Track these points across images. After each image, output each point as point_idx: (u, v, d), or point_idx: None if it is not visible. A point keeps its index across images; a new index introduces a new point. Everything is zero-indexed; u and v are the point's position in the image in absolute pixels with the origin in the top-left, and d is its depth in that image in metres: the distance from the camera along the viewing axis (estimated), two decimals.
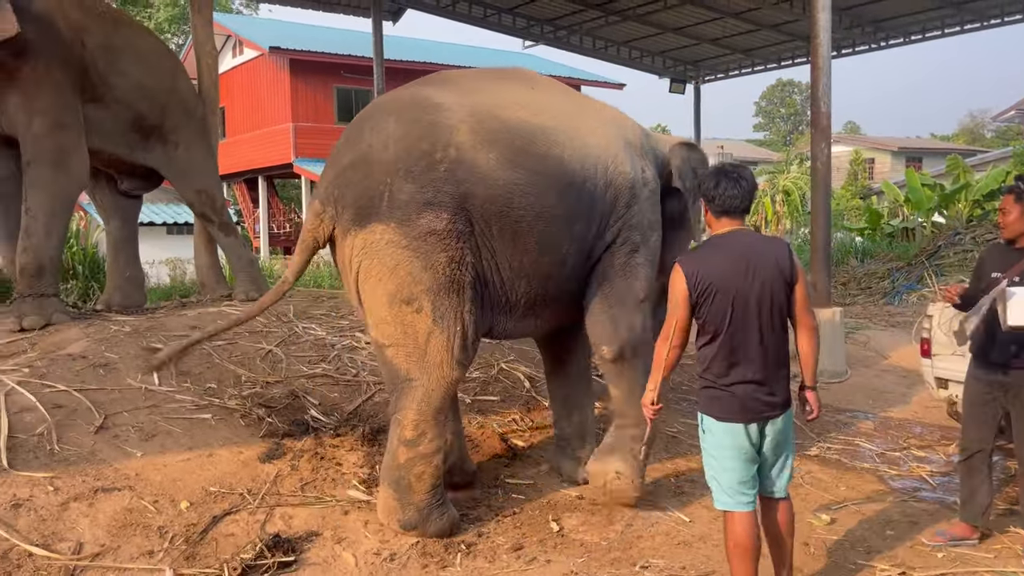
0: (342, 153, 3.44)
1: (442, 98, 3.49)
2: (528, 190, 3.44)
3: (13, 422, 3.72)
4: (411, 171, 3.26)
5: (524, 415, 5.02)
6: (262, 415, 4.35)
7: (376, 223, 3.25)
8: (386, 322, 3.34)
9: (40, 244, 5.39)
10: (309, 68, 20.35)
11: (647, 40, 14.81)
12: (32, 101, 5.32)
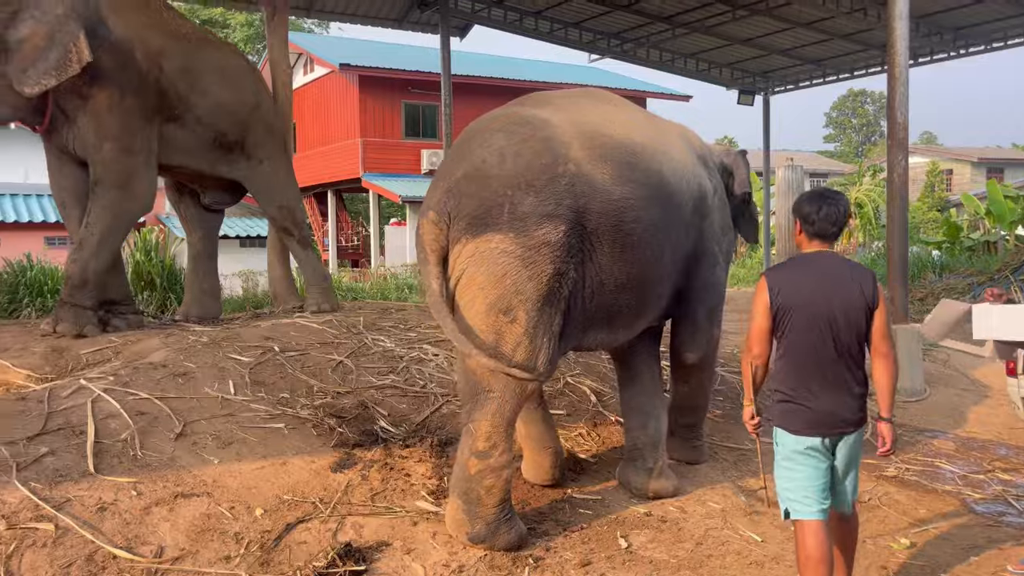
0: (453, 167, 3.51)
1: (547, 116, 3.63)
2: (638, 204, 3.60)
3: (99, 428, 3.87)
4: (533, 184, 3.35)
5: (591, 430, 5.00)
6: (333, 425, 4.43)
7: (493, 232, 3.31)
8: (480, 331, 3.37)
9: (89, 258, 5.64)
10: (377, 84, 20.74)
11: (715, 52, 14.66)
12: (103, 126, 5.53)
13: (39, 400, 4.13)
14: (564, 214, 3.37)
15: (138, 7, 5.90)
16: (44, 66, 5.05)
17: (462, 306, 3.41)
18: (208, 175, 6.59)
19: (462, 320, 3.40)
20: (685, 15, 12.88)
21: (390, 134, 21.14)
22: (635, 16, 13.06)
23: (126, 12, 5.70)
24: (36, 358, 5.14)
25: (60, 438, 3.77)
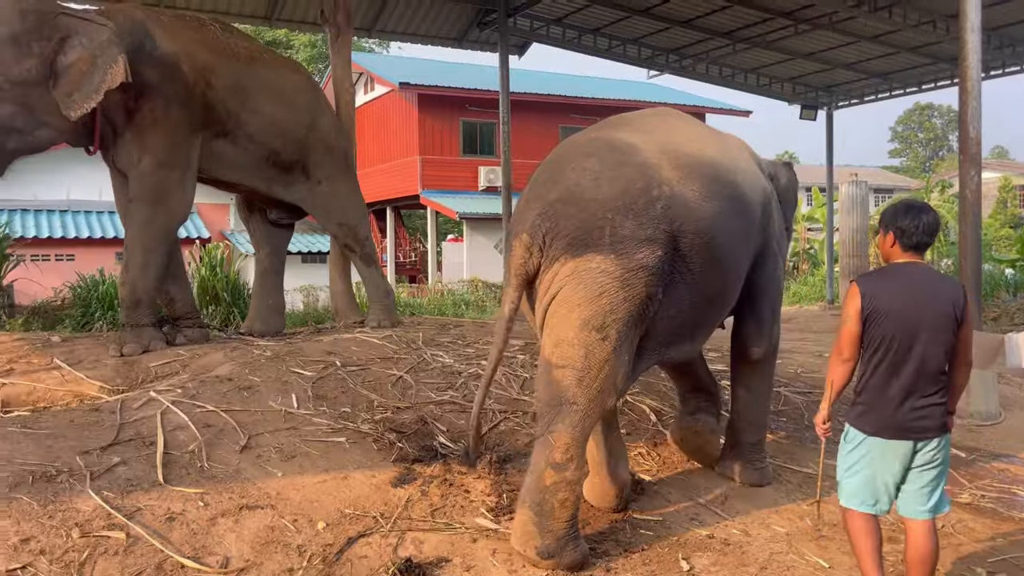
0: (545, 190, 3.57)
1: (633, 139, 3.72)
2: (724, 220, 3.71)
3: (168, 439, 3.97)
4: (631, 208, 3.43)
5: (650, 450, 4.93)
6: (393, 440, 4.46)
7: (594, 253, 3.38)
8: (570, 344, 3.42)
9: (136, 278, 5.78)
10: (436, 102, 21.00)
11: (776, 67, 14.48)
12: (144, 139, 5.66)
13: (111, 411, 4.26)
14: (661, 238, 3.45)
15: (189, 25, 6.07)
16: (87, 89, 5.21)
17: (556, 321, 3.47)
18: (265, 195, 6.68)
19: (554, 333, 3.47)
20: (746, 30, 12.76)
21: (448, 151, 21.37)
22: (695, 32, 12.98)
23: (176, 29, 5.86)
24: (108, 370, 5.31)
25: (131, 448, 3.87)
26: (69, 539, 3.11)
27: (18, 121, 5.18)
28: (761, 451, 4.63)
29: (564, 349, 3.43)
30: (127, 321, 5.80)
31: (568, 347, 3.42)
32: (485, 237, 20.52)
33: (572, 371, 3.40)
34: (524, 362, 5.89)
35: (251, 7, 11.18)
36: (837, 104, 15.81)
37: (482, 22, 12.28)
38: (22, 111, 5.17)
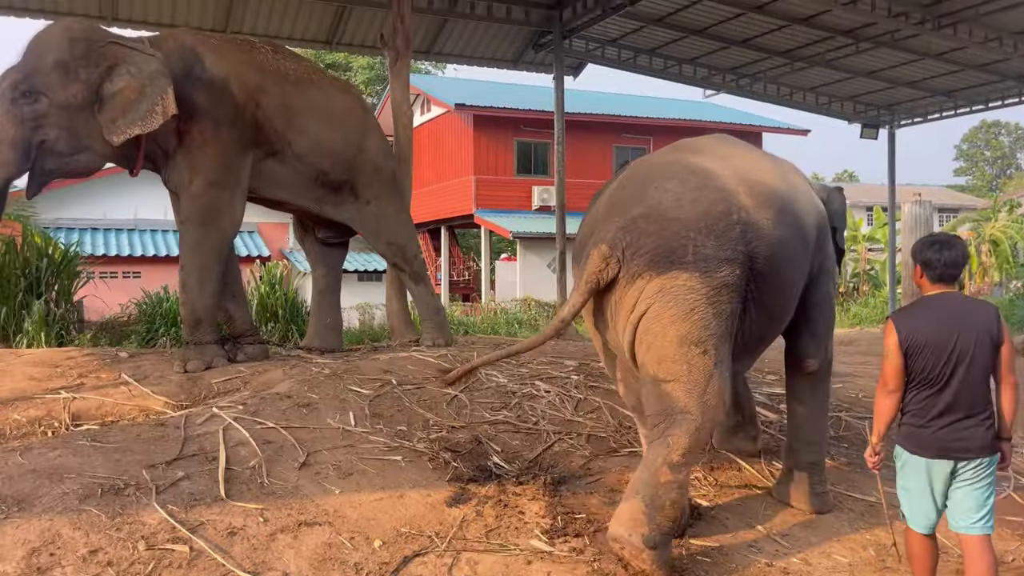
0: (628, 206, 3.73)
1: (709, 164, 3.93)
2: (790, 244, 3.90)
3: (230, 455, 4.06)
4: (712, 229, 3.59)
5: (707, 474, 4.86)
6: (448, 459, 4.49)
7: (679, 271, 3.53)
8: (672, 360, 3.57)
9: (195, 298, 5.93)
10: (491, 123, 21.18)
11: (836, 85, 14.27)
12: (194, 160, 5.80)
13: (176, 426, 4.38)
14: (739, 259, 3.61)
15: (239, 47, 6.22)
16: (132, 117, 5.38)
17: (652, 338, 3.59)
18: (314, 214, 6.78)
19: (654, 351, 3.60)
20: (804, 49, 12.62)
21: (502, 171, 21.51)
22: (752, 51, 12.89)
23: (225, 51, 6.01)
24: (172, 386, 5.46)
25: (195, 463, 3.97)
26: (135, 551, 3.20)
27: (60, 144, 5.37)
28: (821, 474, 4.52)
29: (668, 365, 3.57)
30: (190, 339, 5.96)
31: (672, 363, 3.56)
32: (538, 256, 20.56)
33: (680, 384, 3.56)
34: (578, 383, 5.87)
35: (313, 32, 11.47)
36: (899, 123, 15.50)
37: (537, 44, 12.39)
38: (65, 134, 5.35)
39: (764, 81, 14.08)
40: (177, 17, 10.56)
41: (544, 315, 17.69)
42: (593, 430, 5.15)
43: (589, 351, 7.54)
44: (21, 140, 5.20)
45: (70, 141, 5.38)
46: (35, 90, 5.20)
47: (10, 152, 5.19)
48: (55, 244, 10.05)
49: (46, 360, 6.10)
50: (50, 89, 5.24)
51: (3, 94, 5.19)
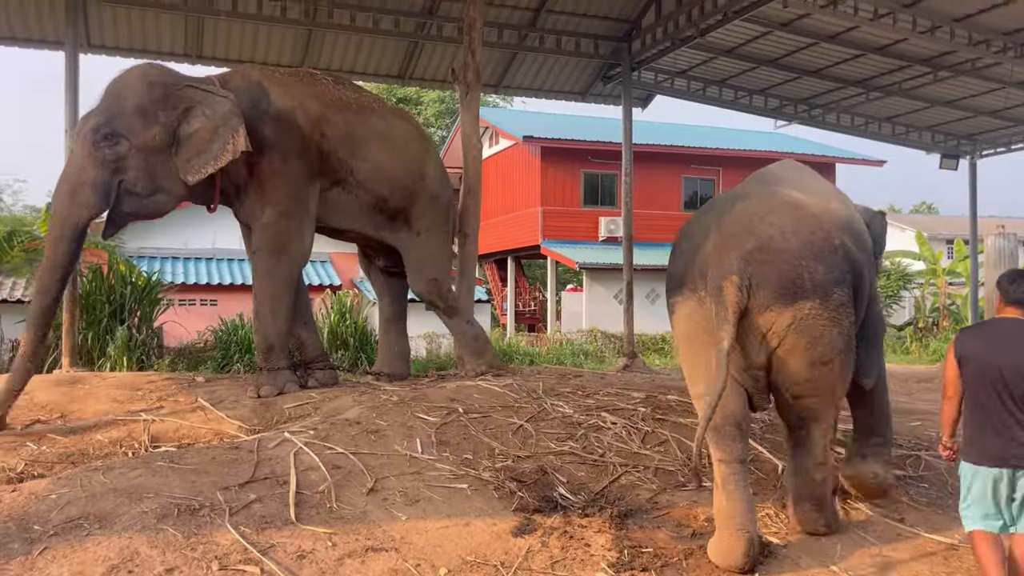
0: (740, 240, 4.09)
1: (797, 195, 4.36)
2: (867, 265, 4.40)
3: (300, 479, 4.14)
4: (819, 255, 4.03)
5: (779, 511, 4.72)
6: (514, 489, 4.47)
7: (802, 301, 3.98)
8: (809, 381, 4.12)
9: (268, 326, 6.09)
10: (559, 155, 21.30)
11: (913, 115, 13.92)
12: (265, 192, 5.98)
13: (249, 450, 4.48)
14: (845, 279, 4.09)
15: (302, 80, 6.43)
16: (206, 156, 5.59)
17: (792, 367, 4.09)
18: (373, 239, 6.90)
19: (794, 375, 4.10)
20: (880, 78, 12.38)
21: (569, 202, 21.56)
22: (825, 81, 12.69)
23: (290, 85, 6.22)
24: (246, 410, 5.60)
25: (266, 486, 4.05)
26: (209, 571, 3.28)
27: (139, 185, 5.59)
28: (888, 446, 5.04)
29: (806, 386, 4.13)
30: (263, 365, 6.12)
31: (809, 383, 4.12)
32: (604, 287, 20.47)
33: (817, 399, 4.20)
34: (645, 415, 5.81)
35: (386, 67, 11.76)
36: (981, 153, 15.01)
37: (606, 76, 12.44)
38: (144, 176, 5.58)
39: (838, 111, 13.83)
40: (257, 54, 10.97)
41: (610, 346, 17.56)
42: (661, 463, 5.08)
43: (656, 383, 7.45)
44: (102, 182, 5.44)
45: (147, 183, 5.61)
46: (116, 133, 5.44)
47: (91, 194, 5.43)
48: (138, 272, 10.48)
49: (128, 383, 6.34)
50: (131, 132, 5.48)
51: (85, 137, 5.44)
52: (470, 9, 8.20)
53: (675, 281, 4.40)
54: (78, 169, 5.44)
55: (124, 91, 5.56)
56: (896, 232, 34.40)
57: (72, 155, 5.55)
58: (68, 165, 5.56)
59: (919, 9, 9.79)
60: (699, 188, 22.66)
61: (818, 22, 10.69)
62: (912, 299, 21.82)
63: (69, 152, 5.67)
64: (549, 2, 11.04)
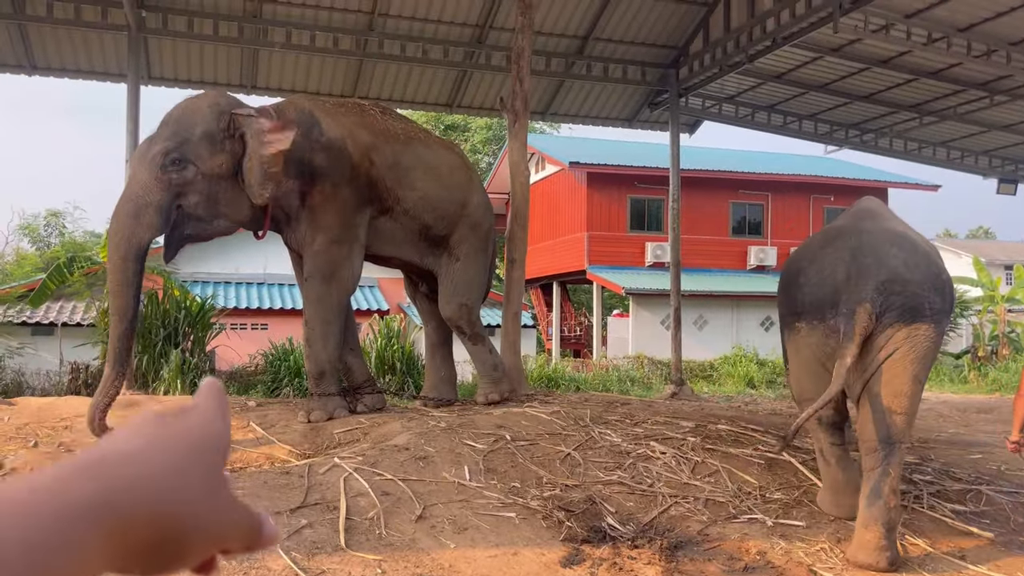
0: (872, 271, 4.52)
1: (903, 230, 4.89)
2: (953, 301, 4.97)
3: (350, 505, 4.16)
4: (936, 287, 4.55)
5: (833, 545, 4.61)
6: (562, 518, 4.44)
7: (921, 323, 4.46)
8: (905, 396, 4.46)
9: (319, 351, 6.15)
10: (605, 180, 21.30)
11: (969, 139, 13.67)
12: (316, 219, 6.07)
13: (300, 475, 4.53)
14: (948, 310, 4.66)
15: (351, 110, 6.56)
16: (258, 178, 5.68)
17: (892, 376, 4.45)
18: (418, 266, 6.99)
19: (892, 385, 4.44)
20: (934, 103, 12.19)
21: (616, 227, 21.52)
22: (877, 106, 12.54)
23: (339, 114, 6.34)
24: (296, 435, 5.66)
25: (316, 512, 4.09)
26: None
27: (200, 210, 5.70)
28: None
29: (902, 400, 4.45)
30: (314, 391, 6.19)
31: (904, 398, 4.45)
32: (650, 313, 20.33)
33: (906, 417, 4.46)
34: (695, 445, 5.73)
35: (435, 95, 11.94)
36: None
37: (653, 103, 12.45)
38: (205, 201, 5.69)
39: (890, 136, 13.63)
40: (310, 84, 11.24)
41: (657, 372, 17.39)
42: (711, 494, 5.00)
43: (706, 412, 7.36)
44: (166, 205, 5.57)
45: (208, 208, 5.74)
46: (185, 159, 5.57)
47: (155, 216, 5.55)
48: (192, 297, 10.72)
49: None
50: (199, 159, 5.61)
51: (153, 160, 5.57)
52: (519, 38, 8.31)
53: (800, 307, 4.79)
54: (143, 191, 5.54)
55: (194, 119, 5.69)
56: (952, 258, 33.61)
57: (135, 178, 5.64)
58: (130, 187, 5.66)
59: (974, 33, 9.63)
60: (747, 213, 22.43)
61: (869, 47, 10.58)
62: (970, 327, 21.24)
63: (131, 175, 5.77)
64: (596, 30, 11.12)
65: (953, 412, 10.77)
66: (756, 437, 6.18)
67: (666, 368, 16.16)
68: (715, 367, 18.47)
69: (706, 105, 12.92)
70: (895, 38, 9.63)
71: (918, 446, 7.13)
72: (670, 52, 11.74)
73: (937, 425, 9.29)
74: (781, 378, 18.29)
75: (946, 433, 8.42)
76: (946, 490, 5.54)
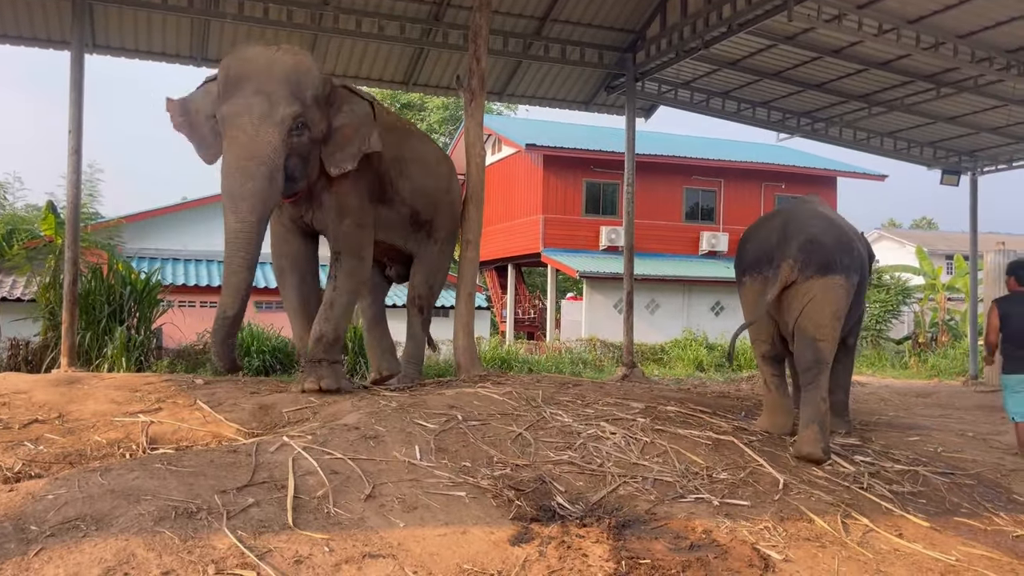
0: (796, 235, 6.03)
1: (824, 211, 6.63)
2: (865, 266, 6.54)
3: (298, 484, 4.12)
4: (844, 249, 6.08)
5: (777, 524, 4.71)
6: (512, 497, 4.46)
7: (833, 275, 5.91)
8: (826, 326, 5.92)
9: (340, 318, 6.24)
10: (561, 163, 21.34)
11: (915, 130, 13.97)
12: (344, 204, 6.22)
13: (247, 454, 4.46)
14: (858, 268, 6.18)
15: None
16: (349, 152, 5.90)
17: (813, 312, 5.91)
18: (401, 249, 7.26)
19: (814, 319, 5.90)
20: (883, 93, 12.43)
21: (571, 211, 21.60)
22: (828, 95, 12.74)
23: None
24: (245, 414, 5.58)
25: (264, 491, 4.04)
26: (205, 575, 3.26)
27: (296, 171, 5.74)
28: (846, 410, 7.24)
29: (824, 330, 5.91)
30: (324, 356, 6.21)
31: (825, 329, 5.91)
32: (604, 296, 20.48)
33: (828, 343, 5.94)
34: (645, 426, 5.80)
35: (391, 73, 11.80)
36: (982, 169, 15.04)
37: (610, 86, 12.48)
38: (301, 164, 5.75)
39: (840, 125, 13.87)
40: None
41: (609, 355, 17.55)
42: (659, 474, 5.06)
43: (656, 394, 7.45)
44: (287, 167, 5.57)
45: (300, 170, 5.77)
46: (305, 124, 5.62)
47: (283, 180, 5.54)
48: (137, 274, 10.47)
49: (126, 384, 6.33)
50: (312, 123, 5.71)
51: (283, 122, 5.46)
52: (476, 16, 8.24)
53: (746, 265, 6.39)
54: (275, 153, 5.40)
55: (305, 80, 5.64)
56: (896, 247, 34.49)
57: (262, 139, 5.41)
58: (259, 148, 5.39)
59: (923, 25, 9.82)
60: (701, 199, 22.70)
61: (822, 36, 10.73)
62: (911, 314, 21.84)
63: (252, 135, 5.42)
64: (554, 11, 11.08)
65: (894, 396, 11.08)
66: (704, 419, 6.28)
67: (618, 351, 16.32)
68: (666, 350, 18.71)
69: (662, 90, 13.00)
70: (847, 28, 9.78)
71: (860, 428, 7.32)
72: (627, 36, 11.76)
73: (878, 408, 9.55)
74: None
75: (886, 416, 8.66)
76: (886, 471, 5.70)
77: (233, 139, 5.42)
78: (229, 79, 5.57)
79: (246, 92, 5.47)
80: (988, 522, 4.99)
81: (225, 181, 5.43)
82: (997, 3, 9.13)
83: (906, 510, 4.94)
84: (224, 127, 5.51)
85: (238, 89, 5.50)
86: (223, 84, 5.60)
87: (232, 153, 5.42)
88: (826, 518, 4.74)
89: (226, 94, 5.54)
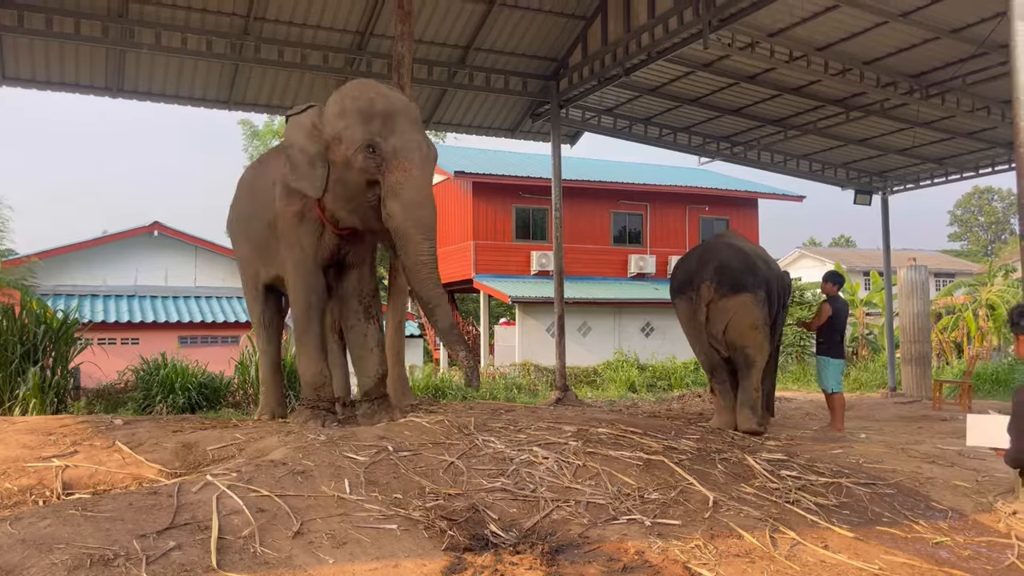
0: (708, 261, 7.87)
1: (736, 242, 8.27)
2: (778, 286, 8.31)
3: (223, 524, 3.99)
4: (750, 271, 7.77)
5: (707, 541, 4.77)
6: (444, 527, 4.41)
7: (743, 294, 7.67)
8: (749, 335, 7.67)
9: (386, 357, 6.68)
10: (490, 190, 21.46)
11: (829, 152, 14.52)
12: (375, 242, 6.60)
13: (169, 495, 4.31)
14: (764, 286, 7.83)
15: None
16: None
17: (737, 325, 7.69)
18: None
19: (738, 331, 7.70)
20: (796, 117, 12.90)
21: (501, 236, 21.71)
22: (745, 119, 13.16)
23: None
24: (167, 453, 5.41)
25: (186, 533, 3.90)
26: None
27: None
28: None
29: (747, 339, 7.67)
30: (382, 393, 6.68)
31: (748, 337, 7.67)
32: (537, 320, 20.58)
33: (753, 348, 7.71)
34: (577, 449, 5.82)
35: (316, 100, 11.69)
36: (892, 189, 15.70)
37: (535, 113, 12.64)
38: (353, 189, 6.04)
39: (758, 148, 14.33)
40: (182, 88, 10.86)
41: (543, 379, 17.60)
42: (591, 497, 5.08)
43: (588, 416, 7.49)
44: None
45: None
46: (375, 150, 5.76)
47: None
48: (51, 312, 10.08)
49: (40, 428, 6.06)
50: None
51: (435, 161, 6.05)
52: (399, 46, 8.27)
53: (676, 288, 8.18)
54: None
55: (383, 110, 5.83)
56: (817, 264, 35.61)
57: (431, 179, 5.96)
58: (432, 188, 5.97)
59: (831, 52, 10.26)
60: (628, 223, 23.08)
61: (737, 63, 11.10)
62: None
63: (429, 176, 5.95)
64: (478, 40, 11.20)
65: (818, 410, 11.39)
66: (635, 439, 6.34)
67: (552, 375, 16.38)
68: (599, 372, 18.88)
69: (586, 116, 13.23)
70: (760, 55, 10.15)
71: (785, 442, 7.50)
72: (550, 64, 11.96)
73: (803, 422, 9.80)
74: (661, 382, 18.88)
75: (811, 430, 8.89)
76: (811, 484, 5.83)
77: (416, 174, 5.76)
78: (375, 112, 5.76)
79: (405, 126, 5.81)
80: (908, 530, 5.14)
81: (421, 211, 5.78)
82: (899, 31, 9.62)
83: (831, 522, 5.06)
84: (398, 159, 5.73)
85: (395, 122, 5.78)
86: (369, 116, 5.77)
87: (421, 185, 5.82)
88: (755, 533, 4.82)
89: (385, 129, 5.74)
